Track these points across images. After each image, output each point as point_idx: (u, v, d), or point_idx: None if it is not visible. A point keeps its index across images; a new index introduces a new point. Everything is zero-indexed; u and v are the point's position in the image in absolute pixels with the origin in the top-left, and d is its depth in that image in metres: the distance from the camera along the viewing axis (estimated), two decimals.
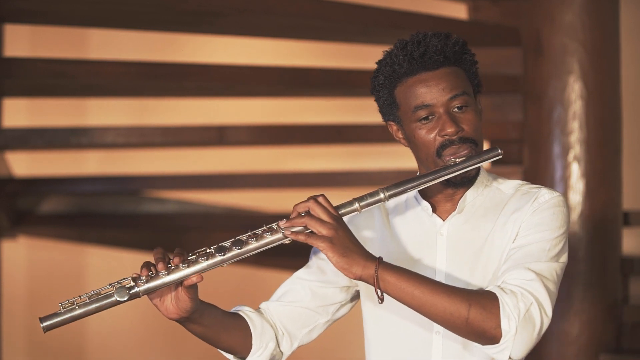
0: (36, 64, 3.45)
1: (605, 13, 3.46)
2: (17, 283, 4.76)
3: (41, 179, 4.27)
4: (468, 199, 1.94)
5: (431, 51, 1.88)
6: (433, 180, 1.86)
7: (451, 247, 1.92)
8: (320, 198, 1.82)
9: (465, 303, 1.74)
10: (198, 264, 1.77)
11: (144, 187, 4.29)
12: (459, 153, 1.87)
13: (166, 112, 4.80)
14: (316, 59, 4.59)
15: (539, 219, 1.86)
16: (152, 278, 1.77)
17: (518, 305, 1.73)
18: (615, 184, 3.46)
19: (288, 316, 2.00)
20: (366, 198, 1.84)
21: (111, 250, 4.55)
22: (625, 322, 3.44)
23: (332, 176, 4.28)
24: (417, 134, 1.90)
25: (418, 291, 1.76)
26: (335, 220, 1.78)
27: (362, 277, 1.77)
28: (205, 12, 3.20)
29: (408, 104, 1.90)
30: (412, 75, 1.89)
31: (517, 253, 1.83)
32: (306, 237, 1.78)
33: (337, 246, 1.76)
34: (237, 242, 1.80)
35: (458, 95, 1.88)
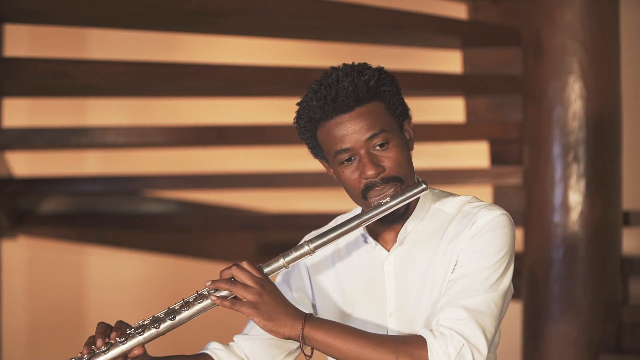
0: (36, 64, 3.44)
1: (605, 13, 3.46)
2: (17, 283, 4.76)
3: (41, 179, 4.27)
4: (409, 228, 1.92)
5: (342, 95, 1.85)
6: (360, 225, 1.85)
7: (398, 278, 1.91)
8: (243, 263, 1.82)
9: (393, 355, 1.74)
10: (134, 338, 1.84)
11: (144, 187, 4.29)
12: (384, 193, 1.85)
13: (166, 112, 4.79)
14: (316, 59, 4.58)
15: (476, 246, 1.84)
16: (93, 356, 1.87)
17: (447, 351, 1.73)
18: (615, 184, 3.46)
19: (257, 349, 2.00)
20: (291, 253, 1.84)
21: (111, 250, 4.55)
22: (625, 322, 3.43)
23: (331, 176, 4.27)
24: (342, 176, 1.90)
25: (345, 346, 1.77)
26: (259, 285, 1.79)
27: (290, 337, 1.79)
28: (206, 12, 3.20)
29: (329, 147, 1.90)
30: (328, 120, 1.87)
31: (453, 287, 1.82)
32: (231, 303, 1.79)
33: (262, 310, 1.78)
34: (170, 312, 1.85)
35: (376, 134, 1.85)
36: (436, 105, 4.26)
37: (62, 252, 4.77)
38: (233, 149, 4.66)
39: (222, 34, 3.92)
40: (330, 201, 4.68)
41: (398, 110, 1.91)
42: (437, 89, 3.77)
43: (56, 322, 4.79)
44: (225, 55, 4.47)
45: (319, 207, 4.62)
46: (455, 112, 4.00)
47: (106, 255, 4.69)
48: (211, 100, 4.62)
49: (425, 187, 1.85)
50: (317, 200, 4.68)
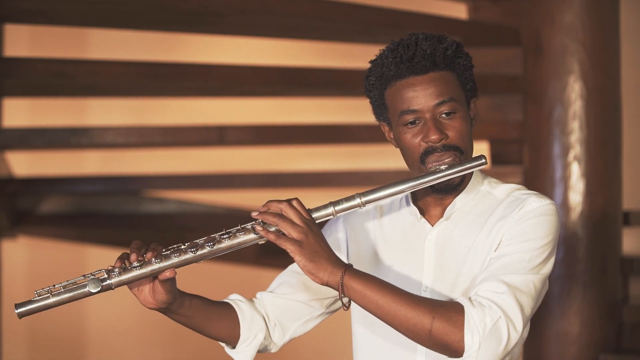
0: (36, 64, 3.44)
1: (605, 13, 3.46)
2: (17, 283, 4.76)
3: (41, 179, 4.27)
4: (457, 205, 1.92)
5: (419, 55, 1.87)
6: (413, 188, 1.85)
7: (438, 253, 1.92)
8: (294, 201, 1.83)
9: (429, 315, 1.73)
10: (169, 260, 1.79)
11: (144, 187, 4.29)
12: (442, 160, 1.86)
13: (166, 112, 4.80)
14: (316, 59, 4.59)
15: (522, 229, 1.84)
16: (124, 271, 1.79)
17: (484, 319, 1.72)
18: (615, 184, 3.46)
19: (280, 308, 2.00)
20: (342, 202, 1.84)
21: (111, 250, 4.55)
22: (625, 322, 3.44)
23: (332, 176, 4.28)
24: (403, 138, 1.90)
25: (382, 300, 1.75)
26: (306, 225, 1.79)
27: (328, 282, 1.77)
28: (206, 12, 3.20)
29: (395, 107, 1.90)
30: (401, 79, 1.89)
31: (494, 263, 1.81)
32: (276, 237, 1.78)
33: (305, 250, 1.77)
34: (210, 239, 1.82)
35: (445, 102, 1.87)
36: None
37: (62, 252, 4.77)
38: (233, 149, 4.67)
39: (222, 34, 3.92)
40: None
41: (469, 85, 1.92)
42: None
43: (56, 322, 4.79)
44: (225, 55, 4.47)
45: None
46: None
47: (106, 255, 4.69)
48: (211, 100, 4.62)
49: (485, 161, 1.85)
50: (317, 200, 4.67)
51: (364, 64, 3.88)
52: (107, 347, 4.88)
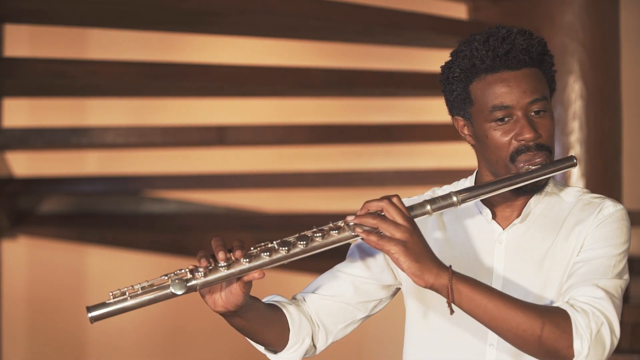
0: (36, 64, 3.45)
1: (605, 13, 3.46)
2: (17, 283, 4.76)
3: (41, 179, 4.27)
4: (531, 206, 1.86)
5: (517, 50, 1.79)
6: (507, 187, 1.78)
7: (509, 257, 1.85)
8: (394, 199, 1.71)
9: (539, 320, 1.66)
10: (260, 259, 1.67)
11: (144, 187, 4.29)
12: (534, 160, 1.79)
13: (166, 112, 4.80)
14: (316, 59, 4.59)
15: (603, 233, 1.79)
16: (210, 271, 1.66)
17: (590, 325, 1.67)
18: (615, 184, 3.46)
19: (327, 310, 1.90)
20: (438, 201, 1.73)
21: (111, 250, 4.55)
22: (625, 322, 3.43)
23: (332, 176, 4.28)
24: (491, 135, 1.82)
25: (491, 304, 1.67)
26: (410, 224, 1.68)
27: (433, 285, 1.67)
28: (206, 12, 3.20)
29: (485, 102, 1.81)
30: (493, 73, 1.81)
31: (582, 268, 1.76)
32: (378, 239, 1.66)
33: (410, 251, 1.66)
34: (303, 237, 1.67)
35: (538, 100, 1.80)
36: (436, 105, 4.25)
37: (62, 252, 4.77)
38: (233, 149, 4.67)
39: (222, 34, 3.92)
40: (331, 201, 4.68)
41: (553, 84, 1.87)
42: (437, 89, 3.76)
43: (56, 322, 4.79)
44: (225, 55, 4.47)
45: (319, 207, 4.62)
46: None
47: (106, 255, 4.69)
48: (211, 100, 4.63)
49: (576, 162, 1.80)
50: (317, 200, 4.68)
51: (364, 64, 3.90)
52: (107, 347, 4.88)
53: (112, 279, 4.81)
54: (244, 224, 4.22)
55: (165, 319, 4.95)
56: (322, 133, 4.06)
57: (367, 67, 3.77)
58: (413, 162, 4.38)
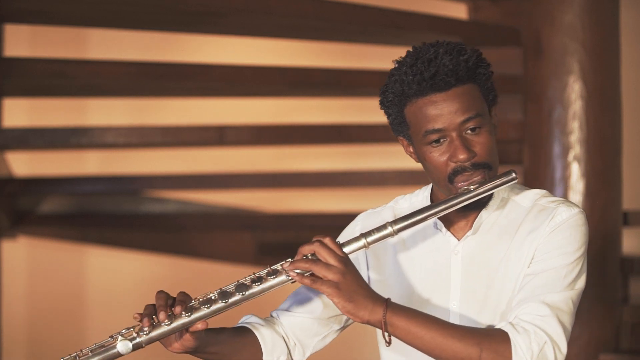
0: (36, 64, 3.45)
1: (605, 13, 3.46)
2: (17, 283, 4.76)
3: (41, 179, 4.27)
4: (484, 217, 1.86)
5: (442, 72, 1.78)
6: (444, 211, 1.78)
7: (466, 268, 1.85)
8: (326, 240, 1.74)
9: (477, 347, 1.68)
10: (200, 311, 1.74)
11: (144, 187, 4.29)
12: (472, 180, 1.79)
13: (166, 112, 4.80)
14: (316, 59, 4.59)
15: (554, 243, 1.78)
16: (154, 327, 1.74)
17: (531, 347, 1.68)
18: (615, 184, 3.46)
19: (300, 326, 1.94)
20: (373, 233, 1.76)
21: (111, 250, 4.55)
22: (625, 322, 3.44)
23: (332, 176, 4.28)
24: (428, 157, 1.82)
25: (428, 335, 1.70)
26: (342, 264, 1.71)
27: (369, 321, 1.71)
28: (206, 12, 3.20)
29: (418, 126, 1.81)
30: (422, 97, 1.79)
31: (531, 282, 1.76)
32: (312, 281, 1.71)
33: (343, 291, 1.70)
34: (241, 286, 1.75)
35: (471, 118, 1.79)
36: None
37: (62, 252, 4.77)
38: (233, 149, 4.67)
39: (222, 34, 3.92)
40: (331, 201, 4.68)
41: (490, 95, 1.85)
42: None
43: (56, 322, 4.79)
44: (225, 55, 4.47)
45: (319, 207, 4.62)
46: None
47: (106, 255, 4.69)
48: (211, 100, 4.63)
49: (515, 177, 1.80)
50: (317, 200, 4.68)
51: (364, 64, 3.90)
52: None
53: (112, 279, 4.81)
54: (244, 224, 4.22)
55: None
56: (322, 133, 4.06)
57: (367, 67, 3.77)
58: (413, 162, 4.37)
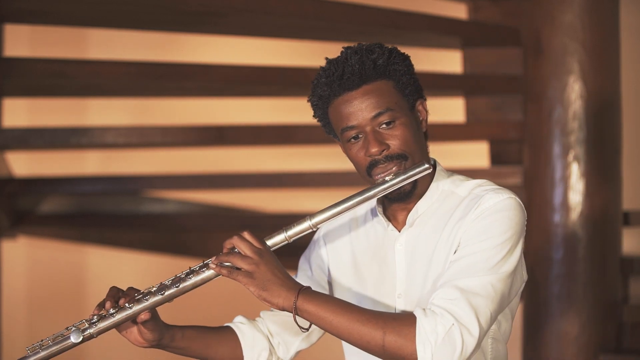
0: (36, 64, 3.44)
1: (605, 13, 3.46)
2: (17, 283, 4.76)
3: (41, 179, 4.27)
4: (420, 209, 1.93)
5: (349, 72, 1.88)
6: (360, 203, 1.88)
7: (408, 258, 1.93)
8: (244, 233, 1.85)
9: (381, 331, 1.75)
10: (141, 303, 1.89)
11: (144, 187, 4.29)
12: (388, 171, 1.88)
13: (166, 112, 4.80)
14: (316, 59, 4.58)
15: (479, 228, 1.82)
16: (102, 319, 1.89)
17: (436, 329, 1.72)
18: (615, 184, 3.46)
19: (280, 325, 2.04)
20: (293, 227, 1.89)
21: (111, 250, 4.55)
22: (625, 322, 3.44)
23: (331, 176, 4.27)
24: (350, 154, 1.94)
25: (336, 320, 1.78)
26: (257, 255, 1.82)
27: (284, 308, 1.81)
28: (206, 13, 3.20)
29: (337, 125, 1.93)
30: (337, 97, 1.91)
31: (452, 267, 1.81)
32: (228, 272, 1.82)
33: (257, 280, 1.80)
34: (176, 280, 1.88)
35: (382, 113, 1.88)
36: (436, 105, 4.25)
37: (62, 252, 4.77)
38: (233, 149, 4.67)
39: (222, 34, 3.92)
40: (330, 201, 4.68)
41: (408, 89, 1.91)
42: (437, 89, 3.77)
43: (56, 322, 4.79)
44: (225, 55, 4.47)
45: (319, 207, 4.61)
46: (455, 112, 4.00)
47: (106, 255, 4.69)
48: (211, 100, 4.62)
49: (428, 166, 1.85)
50: (317, 200, 4.68)
51: None
52: (107, 347, 4.88)
53: (112, 279, 4.80)
54: (244, 224, 4.21)
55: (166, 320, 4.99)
56: (322, 133, 4.05)
57: None
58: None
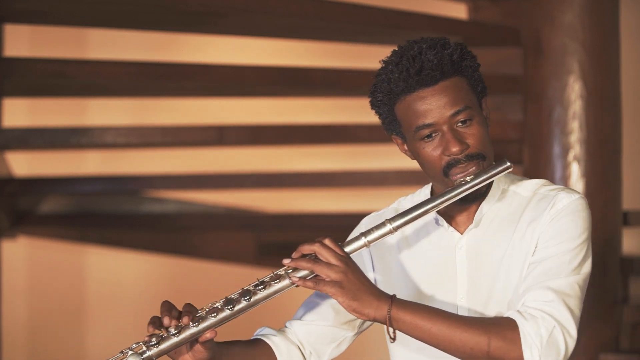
0: (36, 64, 3.44)
1: (605, 13, 3.46)
2: (17, 283, 4.76)
3: (41, 179, 4.27)
4: (484, 209, 1.86)
5: (427, 67, 1.79)
6: (443, 205, 1.79)
7: (471, 262, 1.86)
8: (326, 240, 1.74)
9: (485, 336, 1.68)
10: (207, 321, 1.74)
11: (144, 187, 4.29)
12: (467, 171, 1.80)
13: (166, 112, 4.80)
14: (316, 59, 4.59)
15: (557, 229, 1.79)
16: (162, 340, 1.74)
17: (539, 332, 1.68)
18: (615, 184, 3.46)
19: (314, 335, 1.94)
20: (373, 232, 1.77)
21: (111, 250, 4.55)
22: (625, 322, 3.43)
23: (332, 176, 4.28)
24: (422, 153, 1.83)
25: (435, 328, 1.70)
26: (343, 263, 1.72)
27: (375, 318, 1.72)
28: (206, 13, 3.20)
29: (409, 122, 1.83)
30: (410, 93, 1.81)
31: (535, 269, 1.76)
32: (314, 283, 1.71)
33: (347, 290, 1.70)
34: (245, 292, 1.75)
35: (461, 111, 1.80)
36: None
37: (62, 252, 4.77)
38: (233, 149, 4.67)
39: (222, 34, 3.92)
40: (331, 201, 4.68)
41: (479, 87, 1.85)
42: None
43: (56, 322, 4.79)
44: (225, 55, 4.47)
45: (319, 207, 4.62)
46: None
47: (106, 255, 4.69)
48: (211, 100, 4.62)
49: (510, 165, 1.80)
50: (317, 200, 4.68)
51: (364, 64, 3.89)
52: (107, 348, 4.88)
53: (112, 279, 4.81)
54: (244, 224, 4.22)
55: None
56: (322, 133, 4.06)
57: (367, 67, 3.77)
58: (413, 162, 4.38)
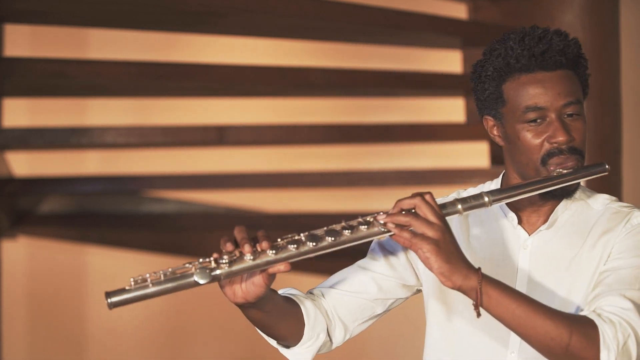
0: (36, 64, 3.45)
1: (605, 13, 3.46)
2: (17, 283, 4.76)
3: (41, 179, 4.27)
4: (559, 212, 1.83)
5: (553, 50, 1.76)
6: (538, 190, 1.75)
7: (534, 263, 1.82)
8: (427, 196, 1.65)
9: (568, 329, 1.63)
10: (287, 251, 1.61)
11: (144, 187, 4.29)
12: (566, 164, 1.77)
13: (166, 112, 4.79)
14: (316, 59, 4.59)
15: (631, 243, 1.76)
16: (235, 261, 1.61)
17: (617, 336, 1.64)
18: (615, 184, 3.46)
19: (346, 307, 1.87)
20: (470, 201, 1.69)
21: (111, 250, 4.55)
22: None
23: (332, 176, 4.28)
24: (523, 136, 1.79)
25: (520, 310, 1.63)
26: (442, 222, 1.63)
27: (461, 287, 1.63)
28: (206, 13, 3.20)
29: (518, 102, 1.78)
30: (528, 73, 1.77)
31: (609, 277, 1.73)
32: (411, 236, 1.62)
33: (442, 250, 1.61)
34: (331, 232, 1.62)
35: (572, 103, 1.78)
36: (436, 105, 4.26)
37: (62, 252, 4.77)
38: (233, 149, 4.67)
39: (222, 34, 3.92)
40: (331, 201, 4.68)
41: (586, 88, 1.85)
42: (437, 89, 3.77)
43: (56, 322, 4.79)
44: (225, 55, 4.47)
45: (319, 207, 4.62)
46: (455, 112, 4.00)
47: (106, 255, 4.69)
48: (211, 100, 4.63)
49: (608, 168, 1.78)
50: (317, 200, 4.68)
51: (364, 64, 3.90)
52: (107, 347, 4.88)
53: (112, 279, 4.80)
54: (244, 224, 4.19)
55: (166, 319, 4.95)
56: (322, 133, 4.06)
57: (367, 67, 3.77)
58: (413, 162, 4.38)
